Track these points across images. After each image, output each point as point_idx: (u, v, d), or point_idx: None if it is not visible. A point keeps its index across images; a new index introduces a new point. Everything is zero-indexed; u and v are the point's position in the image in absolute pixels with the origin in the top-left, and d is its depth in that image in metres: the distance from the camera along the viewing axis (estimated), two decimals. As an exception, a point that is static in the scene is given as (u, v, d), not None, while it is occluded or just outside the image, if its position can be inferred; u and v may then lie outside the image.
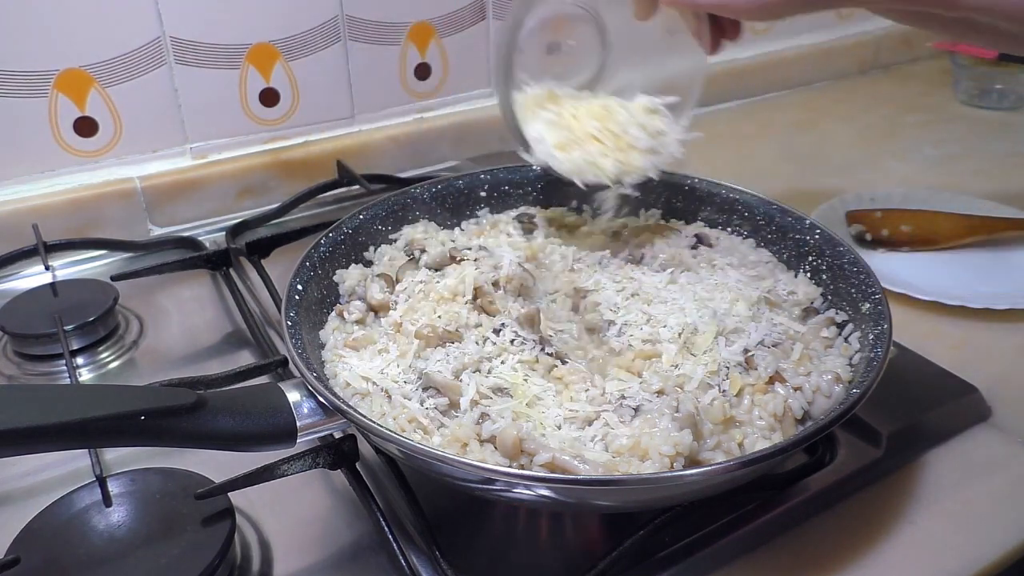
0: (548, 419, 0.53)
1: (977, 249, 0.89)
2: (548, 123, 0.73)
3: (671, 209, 0.80)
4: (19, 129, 0.88)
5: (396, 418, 0.54)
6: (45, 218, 0.87)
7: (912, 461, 0.61)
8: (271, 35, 0.97)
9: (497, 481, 0.47)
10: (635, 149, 0.71)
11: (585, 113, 0.73)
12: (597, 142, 0.72)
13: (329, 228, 0.71)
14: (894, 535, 0.55)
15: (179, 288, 0.87)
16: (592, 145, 0.71)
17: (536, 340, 0.60)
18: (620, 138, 0.72)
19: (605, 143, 0.71)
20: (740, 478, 0.50)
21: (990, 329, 0.76)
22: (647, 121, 0.73)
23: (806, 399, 0.55)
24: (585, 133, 0.72)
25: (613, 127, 0.72)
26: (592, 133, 0.72)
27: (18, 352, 0.76)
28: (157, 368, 0.75)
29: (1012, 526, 0.56)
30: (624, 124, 0.72)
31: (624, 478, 0.48)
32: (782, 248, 0.73)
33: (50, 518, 0.52)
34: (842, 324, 0.63)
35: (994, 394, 0.66)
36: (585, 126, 0.72)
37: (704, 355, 0.58)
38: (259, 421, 0.49)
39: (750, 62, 1.38)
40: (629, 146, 0.72)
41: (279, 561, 0.54)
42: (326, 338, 0.63)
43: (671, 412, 0.52)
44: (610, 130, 0.72)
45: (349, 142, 1.05)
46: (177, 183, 0.97)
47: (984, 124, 1.28)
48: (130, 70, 0.91)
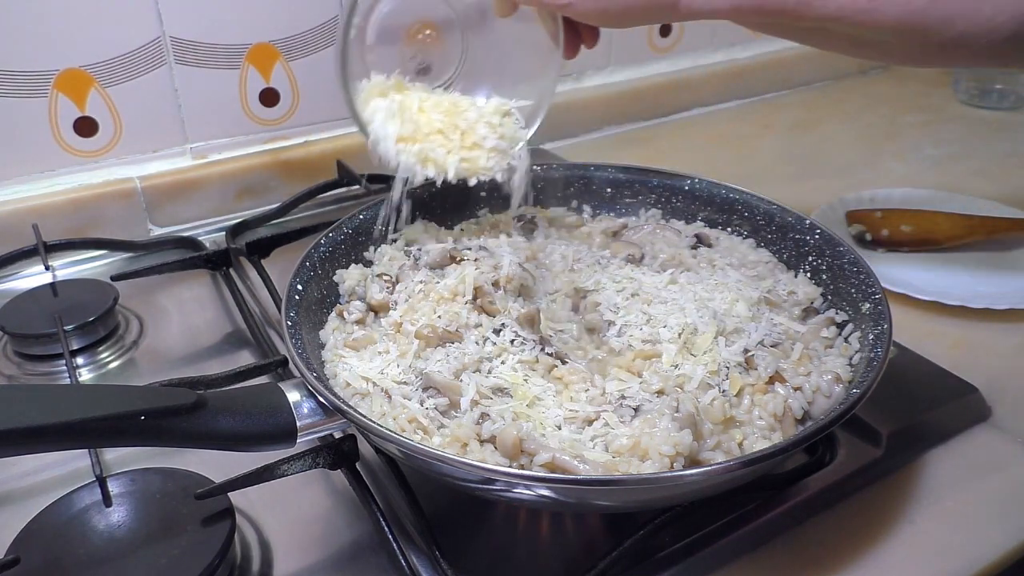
0: (548, 419, 0.53)
1: (977, 249, 0.89)
2: (389, 112, 0.68)
3: (671, 209, 0.80)
4: (19, 129, 0.88)
5: (396, 418, 0.54)
6: (45, 218, 0.87)
7: (912, 461, 0.61)
8: (271, 35, 0.97)
9: (497, 481, 0.47)
10: (481, 148, 0.68)
11: (432, 106, 0.70)
12: (441, 136, 0.68)
13: (329, 228, 0.71)
14: (894, 535, 0.55)
15: (179, 288, 0.87)
16: (436, 139, 0.68)
17: (536, 340, 0.60)
18: (467, 134, 0.68)
19: (450, 138, 0.68)
20: (740, 478, 0.50)
21: (990, 329, 0.76)
22: (497, 121, 0.70)
23: (806, 399, 0.55)
24: (430, 126, 0.68)
25: (460, 123, 0.69)
26: (437, 127, 0.68)
27: (18, 352, 0.76)
28: (157, 368, 0.75)
29: (1012, 526, 0.56)
30: (472, 121, 0.69)
31: (624, 478, 0.48)
32: (782, 248, 0.73)
33: (50, 518, 0.52)
34: (842, 324, 0.63)
35: (994, 394, 0.66)
36: (431, 119, 0.69)
37: (704, 355, 0.58)
38: (259, 421, 0.49)
39: (750, 62, 1.38)
40: (475, 144, 0.68)
41: (279, 561, 0.54)
42: (326, 338, 0.64)
43: (671, 412, 0.52)
44: (456, 126, 0.69)
45: (349, 142, 1.05)
46: (177, 183, 0.97)
47: (984, 124, 1.28)
48: (130, 70, 0.91)
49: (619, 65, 1.25)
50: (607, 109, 1.25)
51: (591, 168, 0.83)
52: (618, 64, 1.25)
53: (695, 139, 1.24)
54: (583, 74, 1.23)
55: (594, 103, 1.23)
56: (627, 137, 1.26)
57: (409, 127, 0.68)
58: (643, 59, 1.27)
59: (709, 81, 1.34)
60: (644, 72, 1.28)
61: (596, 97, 1.23)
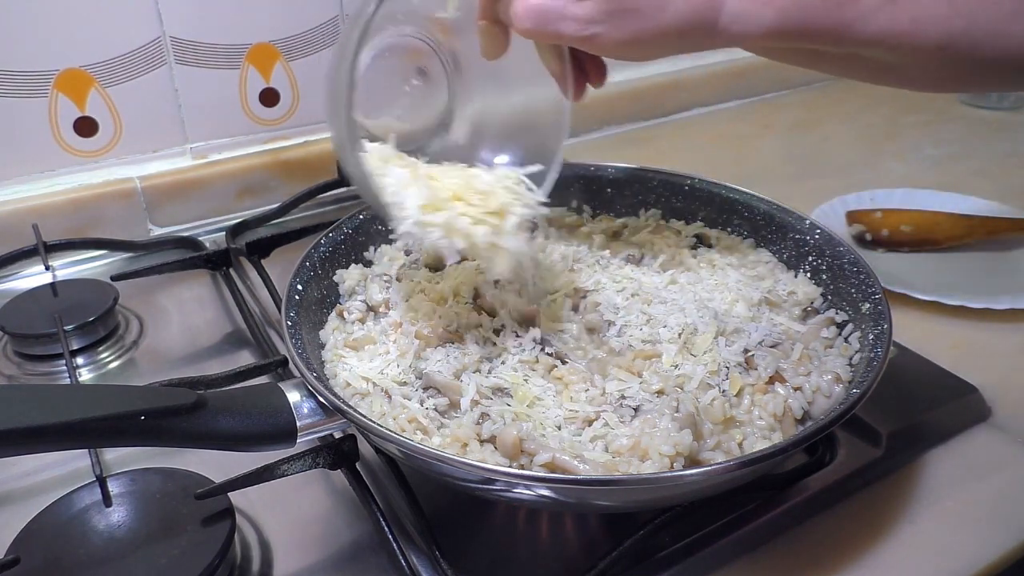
0: (548, 419, 0.53)
1: (977, 249, 0.89)
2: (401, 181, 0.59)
3: (671, 209, 0.80)
4: (19, 129, 0.88)
5: (396, 418, 0.54)
6: (45, 218, 0.87)
7: (912, 461, 0.61)
8: (271, 35, 0.97)
9: (497, 481, 0.47)
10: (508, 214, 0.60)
11: (441, 173, 0.62)
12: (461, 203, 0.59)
13: (329, 228, 0.71)
14: (894, 535, 0.55)
15: (179, 288, 0.87)
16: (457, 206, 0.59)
17: (536, 340, 0.60)
18: (487, 198, 0.60)
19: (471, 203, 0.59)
20: (740, 478, 0.50)
21: (990, 329, 0.76)
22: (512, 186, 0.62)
23: (806, 399, 0.55)
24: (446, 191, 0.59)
25: (478, 185, 0.61)
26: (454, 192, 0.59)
27: (18, 352, 0.76)
28: (157, 368, 0.75)
29: (1012, 526, 0.56)
30: (491, 184, 0.62)
31: (624, 478, 0.48)
32: (782, 248, 0.73)
33: (50, 518, 0.52)
34: (842, 324, 0.63)
35: (994, 394, 0.66)
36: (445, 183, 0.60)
37: (704, 355, 0.58)
38: (259, 421, 0.49)
39: (750, 62, 1.37)
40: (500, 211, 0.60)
41: (279, 561, 0.54)
42: (326, 338, 0.63)
43: (671, 412, 0.52)
44: (474, 188, 0.60)
45: (349, 142, 1.05)
46: (177, 183, 0.97)
47: (984, 124, 1.28)
48: (130, 70, 0.91)
49: (619, 65, 1.25)
50: (607, 109, 1.25)
51: (591, 168, 0.82)
52: (618, 64, 1.25)
53: (695, 139, 1.24)
54: (583, 74, 1.23)
55: (594, 103, 1.22)
56: (627, 137, 1.26)
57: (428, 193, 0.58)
58: (643, 59, 1.27)
59: (709, 81, 1.34)
60: (644, 72, 1.28)
61: (596, 97, 1.22)
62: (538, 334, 0.61)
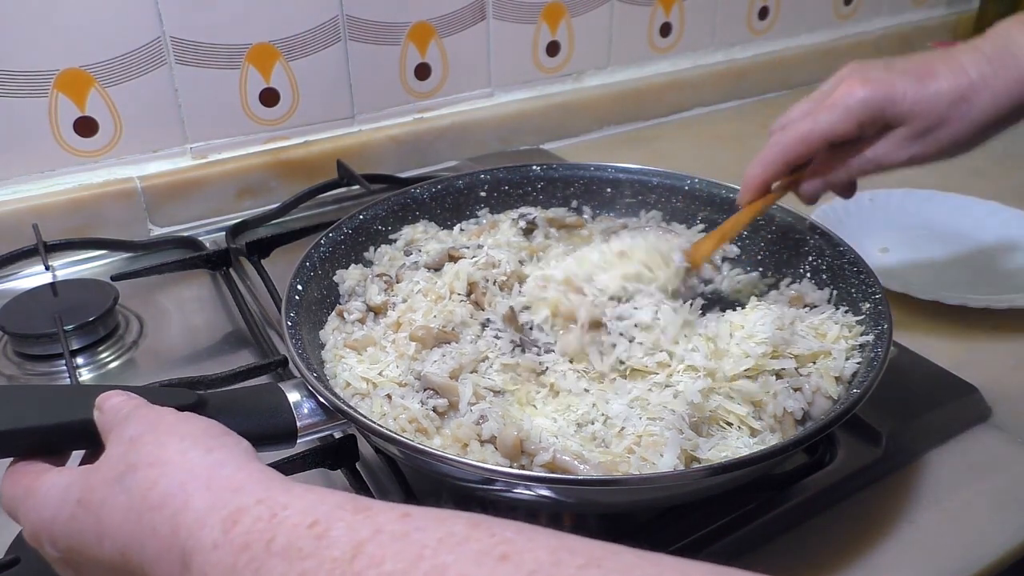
0: (547, 420, 0.53)
1: (977, 249, 0.89)
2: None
3: (671, 209, 0.80)
4: (19, 129, 0.88)
5: (396, 418, 0.54)
6: (45, 218, 0.87)
7: (912, 461, 0.61)
8: (271, 35, 0.97)
9: (497, 481, 0.47)
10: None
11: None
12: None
13: (329, 228, 0.71)
14: (894, 535, 0.55)
15: (179, 288, 0.87)
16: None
17: (516, 341, 0.60)
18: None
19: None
20: (740, 478, 0.50)
21: (990, 329, 0.76)
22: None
23: (806, 399, 0.55)
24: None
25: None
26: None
27: (18, 352, 0.76)
28: (157, 368, 0.75)
29: (1012, 526, 0.56)
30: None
31: (624, 478, 0.48)
32: (782, 248, 0.73)
33: (50, 518, 0.51)
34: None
35: (994, 394, 0.66)
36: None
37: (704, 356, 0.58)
38: (259, 421, 0.49)
39: (750, 62, 1.38)
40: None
41: (279, 561, 0.54)
42: (326, 338, 0.64)
43: (671, 412, 0.52)
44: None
45: (349, 142, 1.05)
46: (177, 183, 0.97)
47: (984, 124, 1.28)
48: (130, 70, 0.91)
49: (619, 65, 1.25)
50: (607, 109, 1.25)
51: (591, 168, 0.82)
52: (618, 64, 1.25)
53: (695, 139, 1.24)
54: (583, 74, 1.23)
55: (594, 103, 1.23)
56: (627, 137, 1.26)
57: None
58: (643, 59, 1.27)
59: (709, 81, 1.34)
60: (644, 72, 1.28)
61: (596, 97, 1.23)
62: (517, 334, 0.61)
